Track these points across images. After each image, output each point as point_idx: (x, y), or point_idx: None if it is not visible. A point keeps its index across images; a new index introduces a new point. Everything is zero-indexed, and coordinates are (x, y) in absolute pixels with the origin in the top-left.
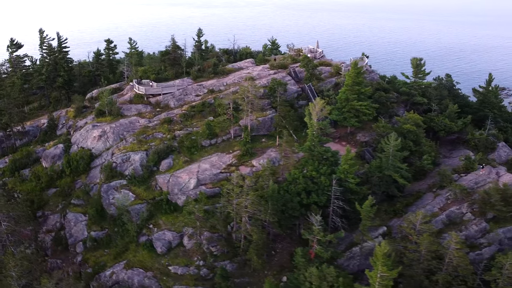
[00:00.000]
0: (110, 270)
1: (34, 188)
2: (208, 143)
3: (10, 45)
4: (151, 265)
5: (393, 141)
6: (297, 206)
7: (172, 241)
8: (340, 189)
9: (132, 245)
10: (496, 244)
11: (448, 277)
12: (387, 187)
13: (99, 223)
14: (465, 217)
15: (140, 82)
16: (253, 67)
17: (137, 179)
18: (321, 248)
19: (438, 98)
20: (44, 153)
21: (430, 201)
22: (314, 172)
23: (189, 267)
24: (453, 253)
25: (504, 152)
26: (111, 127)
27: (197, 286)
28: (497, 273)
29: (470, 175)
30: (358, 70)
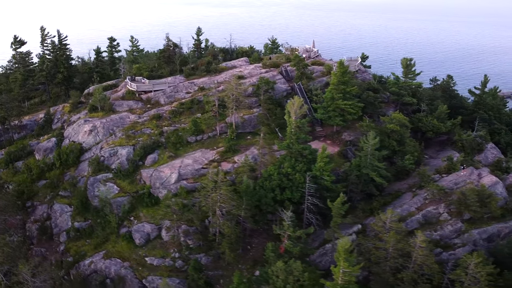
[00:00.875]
0: (89, 259)
1: (25, 180)
2: (194, 139)
3: (14, 42)
4: (129, 256)
5: (372, 140)
6: (271, 202)
7: (151, 233)
8: (314, 186)
9: (113, 236)
10: (471, 245)
11: (413, 275)
12: (365, 185)
13: (83, 214)
14: (442, 217)
15: (133, 79)
16: (246, 66)
17: (123, 173)
18: (291, 243)
19: (430, 98)
20: (38, 146)
21: (408, 200)
22: (289, 169)
23: (165, 258)
24: (419, 251)
25: (491, 154)
26: (101, 122)
27: (170, 277)
28: (461, 273)
29: (451, 176)
30: (344, 70)
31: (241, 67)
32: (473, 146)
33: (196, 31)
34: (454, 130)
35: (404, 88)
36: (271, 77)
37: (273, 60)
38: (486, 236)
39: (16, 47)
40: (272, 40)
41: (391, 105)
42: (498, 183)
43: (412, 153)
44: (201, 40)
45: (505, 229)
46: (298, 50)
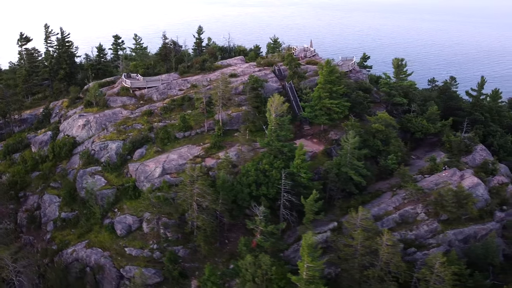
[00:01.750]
0: (72, 248)
1: (20, 171)
2: (182, 135)
3: (20, 39)
4: (109, 246)
5: (351, 139)
6: (247, 197)
7: (132, 225)
8: (290, 183)
9: (96, 227)
10: (445, 245)
11: (380, 273)
12: (344, 184)
13: (70, 205)
14: (419, 217)
15: (129, 76)
16: (241, 64)
17: (111, 166)
18: (262, 238)
19: (423, 99)
20: (34, 139)
21: (387, 200)
22: (267, 165)
23: (143, 249)
24: (385, 249)
25: (480, 156)
26: (95, 117)
27: (147, 268)
28: (427, 271)
29: (433, 177)
30: (331, 69)
31: (236, 65)
32: (460, 148)
33: (197, 30)
34: (444, 131)
35: (395, 88)
36: (263, 76)
37: (267, 59)
38: (462, 237)
39: (22, 44)
40: (273, 39)
41: (383, 105)
42: (479, 185)
43: (395, 153)
44: (202, 38)
45: (482, 230)
46: (295, 49)
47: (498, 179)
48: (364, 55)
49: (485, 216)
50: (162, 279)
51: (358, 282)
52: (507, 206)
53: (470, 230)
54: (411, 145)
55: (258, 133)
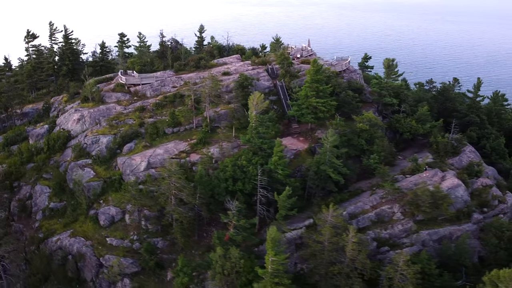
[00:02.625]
0: (57, 236)
1: (16, 162)
2: (171, 131)
3: (27, 36)
4: (92, 236)
5: (330, 137)
6: (223, 192)
7: (115, 216)
8: (267, 179)
9: (82, 217)
10: (419, 245)
11: (346, 269)
12: (323, 181)
13: (59, 196)
14: (395, 217)
15: (125, 73)
16: (236, 63)
17: (101, 159)
18: (234, 232)
19: (416, 100)
20: (32, 132)
21: (365, 198)
22: (245, 161)
23: (124, 240)
24: (351, 246)
25: (468, 158)
26: (89, 112)
27: (125, 257)
28: (390, 269)
29: (414, 177)
30: (317, 68)
31: (232, 64)
32: (447, 149)
33: (199, 29)
34: (432, 132)
35: (385, 89)
36: (255, 74)
37: (261, 58)
38: (436, 237)
39: (29, 41)
40: (276, 38)
41: (374, 105)
42: (459, 186)
43: (379, 153)
44: (204, 37)
45: (458, 231)
46: (293, 49)
47: (482, 181)
48: (365, 55)
49: (463, 217)
50: (140, 269)
51: (325, 277)
52: (487, 208)
53: (445, 231)
54: (401, 146)
55: (244, 130)
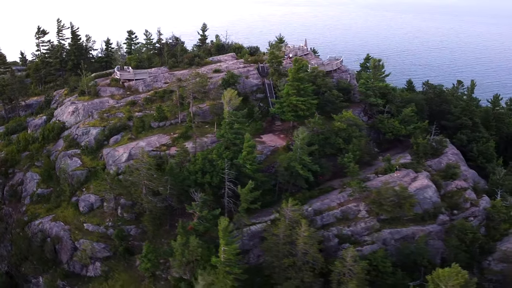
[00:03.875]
0: (40, 220)
1: (13, 150)
2: (157, 125)
3: (37, 32)
4: (71, 221)
5: (301, 134)
6: (192, 183)
7: (94, 203)
8: (234, 173)
9: (64, 203)
10: (380, 243)
11: (298, 262)
12: (294, 178)
13: (47, 183)
14: (360, 215)
15: (122, 68)
16: (230, 61)
17: (88, 149)
18: (196, 222)
19: (405, 101)
20: (31, 122)
21: (333, 196)
22: (215, 155)
23: (100, 226)
24: (302, 240)
25: (448, 160)
26: (83, 105)
27: (98, 242)
28: (339, 264)
29: (384, 177)
30: (299, 67)
31: (226, 62)
32: (426, 150)
33: (202, 27)
34: (414, 134)
35: (371, 89)
36: (245, 72)
37: (254, 57)
38: (399, 236)
39: (39, 36)
40: (279, 38)
41: (361, 105)
42: (429, 187)
43: (354, 152)
44: (207, 35)
45: (421, 232)
46: (289, 48)
47: (457, 183)
48: (367, 56)
49: (428, 218)
50: (111, 254)
51: (278, 269)
52: (458, 211)
53: (408, 231)
54: (385, 146)
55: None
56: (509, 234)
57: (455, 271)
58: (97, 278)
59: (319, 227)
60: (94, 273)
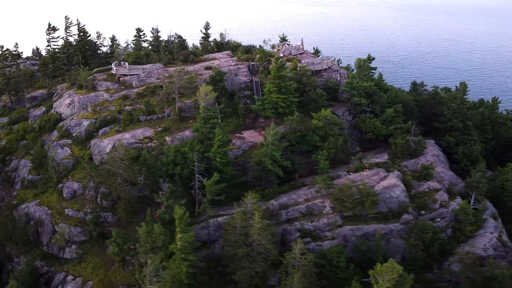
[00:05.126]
0: (26, 204)
1: (12, 139)
2: (145, 118)
3: (48, 28)
4: (54, 206)
5: (272, 130)
6: (164, 174)
7: (77, 190)
8: (204, 166)
9: (51, 190)
10: (340, 239)
11: (252, 253)
12: (265, 173)
13: (37, 170)
14: (324, 211)
15: (119, 64)
16: (224, 59)
17: (79, 140)
18: (162, 211)
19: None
20: (31, 113)
21: (301, 191)
22: (187, 148)
23: (79, 212)
24: (255, 230)
25: (426, 161)
26: (79, 98)
27: (75, 227)
28: (288, 256)
29: (354, 175)
30: (280, 65)
31: (220, 59)
32: (403, 151)
33: (204, 26)
34: (394, 134)
35: (356, 89)
36: (235, 70)
37: (247, 55)
38: (360, 233)
39: (50, 33)
40: (282, 36)
41: (347, 104)
42: (396, 187)
43: (329, 150)
44: (209, 33)
45: (382, 230)
46: (286, 47)
47: (429, 184)
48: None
49: (392, 217)
50: (88, 238)
51: (233, 259)
52: (425, 211)
53: (369, 228)
54: (367, 146)
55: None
56: (475, 237)
57: (390, 266)
58: (72, 260)
59: (284, 221)
60: (70, 256)
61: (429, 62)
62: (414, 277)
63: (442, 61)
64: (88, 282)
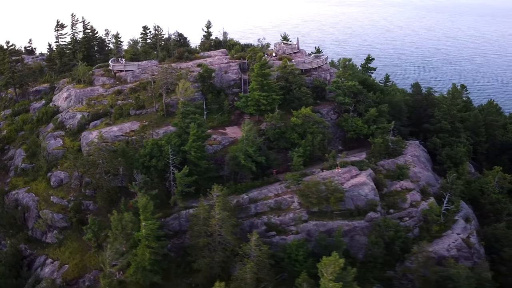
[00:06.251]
0: (16, 191)
1: (12, 129)
2: (134, 113)
3: (56, 25)
4: (41, 193)
5: (246, 126)
6: (140, 166)
7: (64, 179)
8: (179, 159)
9: (40, 178)
10: (304, 234)
11: (212, 242)
12: (239, 167)
13: (30, 159)
14: (292, 206)
15: (116, 60)
16: (218, 56)
17: (71, 132)
18: (134, 200)
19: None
20: (31, 106)
21: (273, 187)
22: (164, 141)
23: (63, 199)
24: (214, 221)
25: (405, 161)
26: (75, 92)
27: (58, 213)
28: (245, 247)
29: (326, 172)
30: (262, 63)
31: (214, 57)
32: (380, 150)
33: (206, 24)
34: (375, 133)
35: (341, 88)
36: (225, 67)
37: (240, 53)
38: (324, 229)
39: (58, 29)
40: (283, 36)
41: (333, 103)
42: (365, 185)
43: (305, 147)
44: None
45: (346, 226)
46: (279, 46)
47: (402, 184)
48: (368, 56)
49: (357, 214)
50: (69, 224)
51: (195, 248)
52: (394, 210)
53: (334, 224)
54: (350, 145)
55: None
56: (442, 237)
57: (333, 259)
58: (53, 244)
59: (253, 215)
60: (51, 240)
61: (453, 64)
62: (375, 274)
63: (467, 63)
64: (65, 265)
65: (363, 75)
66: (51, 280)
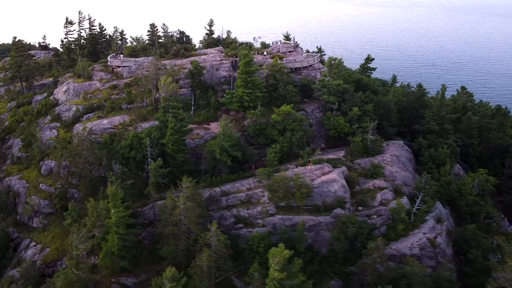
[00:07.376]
0: (10, 178)
1: (14, 120)
2: (126, 107)
3: (66, 22)
4: (31, 180)
5: (222, 122)
6: (121, 157)
7: (53, 168)
8: (156, 151)
9: (33, 166)
10: (269, 227)
11: (178, 232)
12: (216, 161)
13: (26, 148)
14: (262, 200)
15: (115, 56)
16: (213, 54)
17: (66, 123)
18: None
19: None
20: (34, 98)
21: (246, 181)
22: (144, 134)
23: (51, 187)
24: (178, 211)
25: (383, 160)
26: (74, 86)
27: (44, 199)
28: (205, 236)
29: (299, 169)
30: (247, 60)
31: (209, 54)
32: (358, 149)
33: (208, 23)
34: (354, 132)
35: (327, 87)
36: (217, 65)
37: (234, 51)
38: (290, 223)
39: (67, 26)
40: (285, 35)
41: (319, 102)
42: (335, 182)
43: (282, 144)
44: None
45: (310, 221)
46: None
47: (375, 183)
48: (368, 56)
49: (323, 210)
50: (54, 210)
51: (161, 237)
52: (363, 207)
53: (299, 219)
54: (332, 143)
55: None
56: (408, 236)
57: (279, 250)
58: (37, 229)
59: (223, 207)
60: (37, 225)
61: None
62: (336, 269)
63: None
64: (46, 248)
65: (358, 74)
66: (31, 262)
